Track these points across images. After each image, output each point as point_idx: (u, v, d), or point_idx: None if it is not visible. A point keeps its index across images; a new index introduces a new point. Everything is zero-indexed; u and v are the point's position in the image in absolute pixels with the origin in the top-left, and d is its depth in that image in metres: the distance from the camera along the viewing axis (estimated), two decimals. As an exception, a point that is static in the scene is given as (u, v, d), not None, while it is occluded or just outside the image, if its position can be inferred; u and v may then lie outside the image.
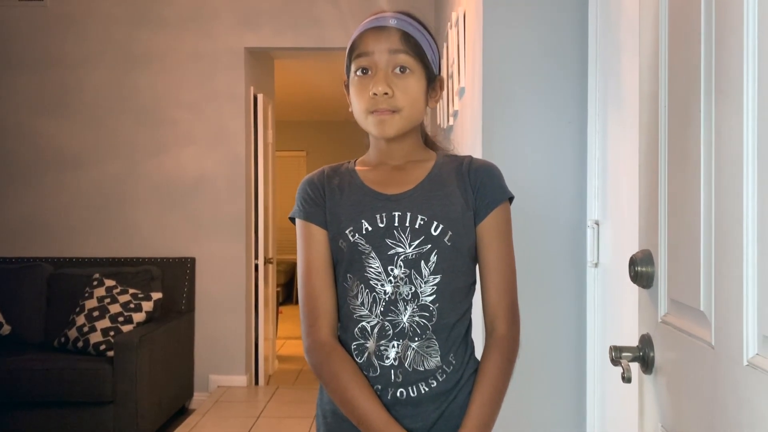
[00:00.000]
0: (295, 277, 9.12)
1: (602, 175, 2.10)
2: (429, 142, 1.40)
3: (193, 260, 4.60)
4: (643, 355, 1.21)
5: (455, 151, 1.42)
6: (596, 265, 2.11)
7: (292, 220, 1.34)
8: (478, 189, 1.28)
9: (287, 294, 8.98)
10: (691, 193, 1.02)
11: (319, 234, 1.29)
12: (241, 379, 4.70)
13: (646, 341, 1.21)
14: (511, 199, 1.32)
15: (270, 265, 5.13)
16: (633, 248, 1.43)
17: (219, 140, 4.66)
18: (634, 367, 1.25)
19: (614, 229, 1.98)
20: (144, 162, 4.65)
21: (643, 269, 1.20)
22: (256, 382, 4.88)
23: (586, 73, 2.19)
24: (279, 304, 6.66)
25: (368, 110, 1.26)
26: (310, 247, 1.29)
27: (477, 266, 1.32)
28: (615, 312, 1.98)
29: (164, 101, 4.65)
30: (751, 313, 0.86)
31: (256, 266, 4.88)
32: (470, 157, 1.35)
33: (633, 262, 1.23)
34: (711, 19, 0.97)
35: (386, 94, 1.24)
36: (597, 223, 2.10)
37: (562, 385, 2.21)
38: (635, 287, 1.27)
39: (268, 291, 5.07)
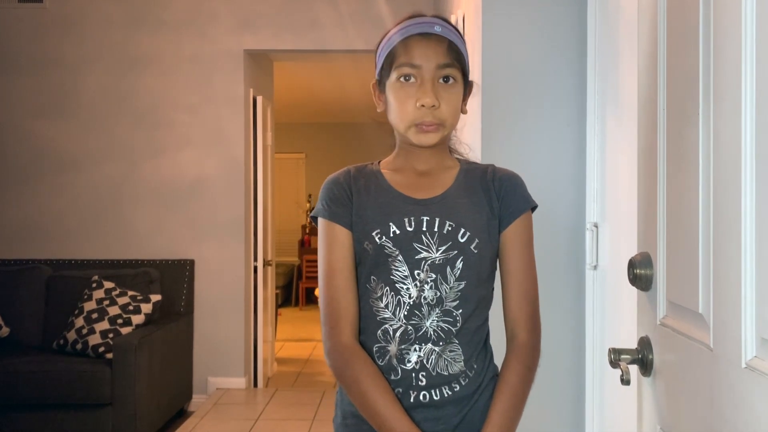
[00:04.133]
0: (294, 279, 9.12)
1: (601, 178, 2.10)
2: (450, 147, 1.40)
3: (192, 262, 4.60)
4: (642, 358, 1.21)
5: (470, 156, 1.42)
6: (595, 267, 2.11)
7: (314, 219, 1.33)
8: (502, 198, 1.29)
9: (286, 296, 8.97)
10: (690, 196, 1.03)
11: (343, 235, 1.28)
12: (239, 382, 4.70)
13: (644, 343, 1.21)
14: (533, 208, 1.33)
15: (269, 267, 5.13)
16: (632, 251, 1.44)
17: (218, 142, 4.66)
18: (633, 369, 1.25)
19: (613, 232, 1.99)
20: (143, 164, 4.65)
21: (642, 272, 1.20)
22: (255, 385, 4.88)
23: (584, 76, 2.19)
24: (278, 306, 6.65)
25: (413, 121, 1.24)
26: (333, 248, 1.28)
27: (498, 274, 1.32)
28: (614, 314, 1.98)
29: (163, 103, 4.65)
30: (749, 315, 0.86)
31: (255, 268, 4.88)
32: (493, 166, 1.35)
33: (632, 264, 1.23)
34: (709, 22, 0.97)
35: (433, 106, 1.23)
36: (596, 226, 2.11)
37: (561, 387, 2.21)
38: (634, 289, 1.27)
39: (267, 293, 5.07)
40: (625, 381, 1.20)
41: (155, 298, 4.09)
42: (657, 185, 1.16)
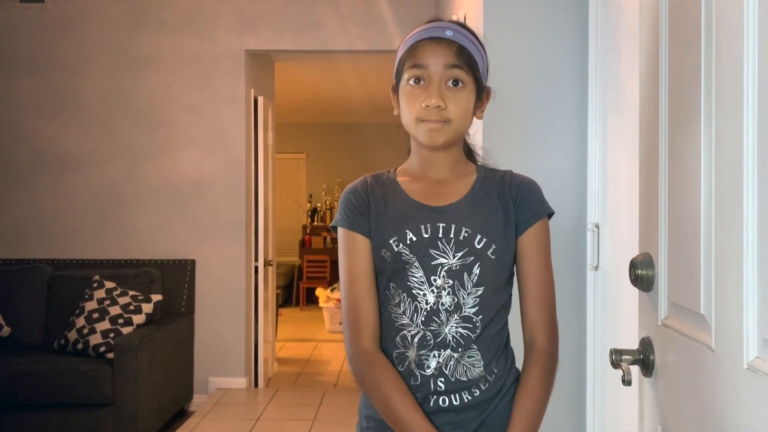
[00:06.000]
0: (295, 279, 9.13)
1: (602, 178, 2.10)
2: (469, 153, 1.41)
3: (193, 262, 4.60)
4: (644, 358, 1.21)
5: (491, 162, 1.43)
6: (596, 268, 2.11)
7: (334, 228, 1.35)
8: (519, 204, 1.31)
9: (287, 296, 8.97)
10: (692, 196, 1.03)
11: (363, 243, 1.30)
12: (240, 382, 4.70)
13: (646, 344, 1.21)
14: (550, 215, 1.34)
15: (270, 268, 5.13)
16: (633, 251, 1.44)
17: (219, 142, 4.66)
18: (635, 370, 1.25)
19: (614, 232, 1.99)
20: (144, 164, 4.65)
21: (644, 272, 1.20)
22: (256, 385, 4.88)
23: (586, 76, 2.19)
24: (279, 306, 6.66)
25: (419, 119, 1.26)
26: (353, 256, 1.30)
27: (516, 279, 1.33)
28: (615, 315, 1.98)
29: (164, 104, 4.65)
30: (751, 316, 0.86)
31: (256, 268, 4.88)
32: (510, 172, 1.37)
33: (633, 265, 1.23)
34: (711, 22, 0.97)
35: (439, 106, 1.24)
36: (597, 226, 2.11)
37: (563, 387, 2.21)
38: (635, 290, 1.27)
39: (267, 293, 5.07)
40: (627, 382, 1.20)
41: (156, 298, 4.09)
42: (658, 185, 1.16)
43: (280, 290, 8.28)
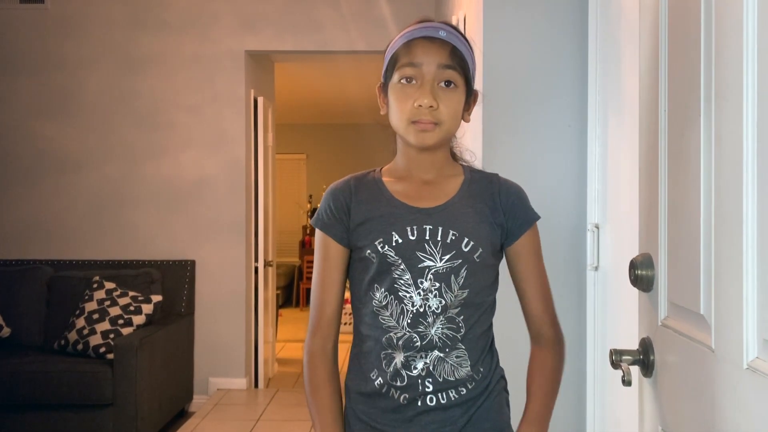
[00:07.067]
0: (295, 279, 9.13)
1: (602, 179, 2.10)
2: (453, 154, 1.41)
3: (193, 263, 4.60)
4: (644, 359, 1.21)
5: (477, 164, 1.43)
6: (596, 268, 2.11)
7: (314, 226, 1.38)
8: (510, 211, 1.32)
9: (287, 297, 8.97)
10: (691, 197, 1.03)
11: (334, 248, 1.32)
12: (240, 382, 4.70)
13: (646, 344, 1.21)
14: (536, 219, 1.36)
15: (270, 268, 5.13)
16: (633, 251, 1.44)
17: (219, 143, 4.66)
18: (635, 370, 1.25)
19: (614, 233, 1.99)
20: (144, 165, 4.65)
21: (644, 272, 1.20)
22: (256, 385, 4.88)
23: (586, 77, 2.19)
24: (279, 306, 6.65)
25: (410, 119, 1.25)
26: (323, 260, 1.35)
27: (513, 282, 1.36)
28: (615, 315, 1.98)
29: (164, 104, 4.65)
30: (750, 316, 0.86)
31: (256, 269, 4.88)
32: (497, 176, 1.37)
33: (633, 265, 1.23)
34: (710, 23, 0.97)
35: (431, 106, 1.24)
36: (597, 227, 2.11)
37: (563, 388, 2.21)
38: (635, 290, 1.27)
39: (267, 294, 5.07)
40: (627, 382, 1.20)
41: (156, 298, 4.09)
42: (658, 186, 1.16)
43: (280, 291, 8.27)
